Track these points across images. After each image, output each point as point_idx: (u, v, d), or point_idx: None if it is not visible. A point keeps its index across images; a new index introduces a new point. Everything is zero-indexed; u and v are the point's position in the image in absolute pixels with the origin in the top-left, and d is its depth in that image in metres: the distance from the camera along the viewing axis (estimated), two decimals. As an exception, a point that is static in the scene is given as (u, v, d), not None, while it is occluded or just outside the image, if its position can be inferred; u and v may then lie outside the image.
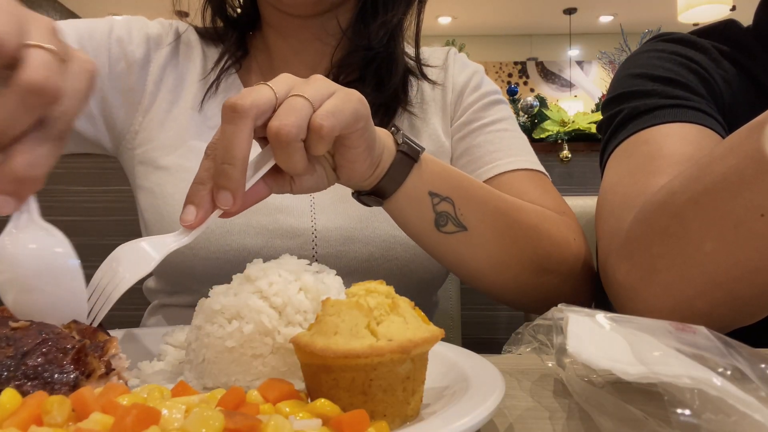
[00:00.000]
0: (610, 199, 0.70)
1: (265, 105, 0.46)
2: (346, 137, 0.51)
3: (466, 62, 0.94)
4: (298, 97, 0.47)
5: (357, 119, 0.50)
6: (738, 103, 0.77)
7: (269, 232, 0.76)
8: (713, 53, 0.80)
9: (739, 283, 0.53)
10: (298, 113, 0.46)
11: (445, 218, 0.63)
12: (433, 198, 0.62)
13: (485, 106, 0.87)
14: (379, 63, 0.83)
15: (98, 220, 1.59)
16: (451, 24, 8.25)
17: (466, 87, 0.89)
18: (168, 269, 0.79)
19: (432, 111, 0.88)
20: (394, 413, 0.39)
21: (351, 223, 0.77)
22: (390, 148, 0.58)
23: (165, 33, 0.86)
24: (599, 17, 8.32)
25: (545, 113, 2.42)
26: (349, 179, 0.57)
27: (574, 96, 8.55)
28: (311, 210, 0.78)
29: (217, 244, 0.74)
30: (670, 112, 0.72)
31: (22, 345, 0.38)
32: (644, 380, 0.35)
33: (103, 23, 0.83)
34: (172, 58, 0.85)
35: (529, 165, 0.82)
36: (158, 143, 0.81)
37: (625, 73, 0.82)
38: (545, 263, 0.69)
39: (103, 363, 0.40)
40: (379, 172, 0.58)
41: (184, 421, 0.30)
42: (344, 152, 0.53)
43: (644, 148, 0.70)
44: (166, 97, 0.83)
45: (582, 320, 0.44)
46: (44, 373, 0.37)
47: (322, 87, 0.49)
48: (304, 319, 0.47)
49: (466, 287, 1.30)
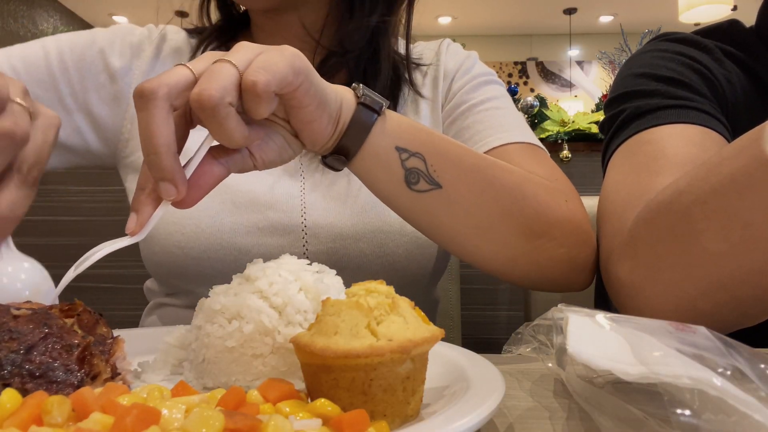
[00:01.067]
0: (612, 199, 0.69)
1: (177, 82, 0.43)
2: (291, 96, 0.48)
3: (458, 50, 0.92)
4: (220, 63, 0.44)
5: (295, 73, 0.46)
6: (741, 103, 0.77)
7: (260, 230, 0.76)
8: (716, 53, 0.80)
9: (744, 284, 0.53)
10: (221, 76, 0.43)
11: (416, 175, 0.59)
12: (401, 153, 0.58)
13: (475, 87, 0.84)
14: (365, 65, 0.81)
15: (98, 220, 1.60)
16: (451, 24, 8.25)
17: (456, 72, 0.87)
18: (162, 270, 0.79)
19: (423, 105, 0.86)
20: (394, 413, 0.39)
21: (341, 220, 0.77)
22: (350, 102, 0.55)
23: (148, 39, 0.86)
24: (599, 17, 8.32)
25: (545, 113, 2.43)
26: (313, 143, 0.53)
27: (574, 96, 8.55)
28: (301, 207, 0.78)
29: (208, 243, 0.74)
30: (674, 112, 0.72)
31: (26, 339, 0.37)
32: (644, 380, 0.35)
33: (86, 35, 0.83)
34: (157, 64, 0.85)
35: (522, 138, 0.77)
36: None
37: (628, 73, 0.82)
38: (534, 225, 0.64)
39: (109, 366, 0.40)
40: (340, 128, 0.55)
41: (184, 421, 0.30)
42: (296, 114, 0.50)
43: (647, 148, 0.70)
44: None
45: (582, 320, 0.44)
46: (49, 372, 0.37)
47: (249, 50, 0.46)
48: (304, 319, 0.47)
49: (466, 287, 1.31)
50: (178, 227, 0.75)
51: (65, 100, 0.80)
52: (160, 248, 0.76)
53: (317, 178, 0.80)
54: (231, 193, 0.76)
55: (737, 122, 0.75)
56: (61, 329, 0.39)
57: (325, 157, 0.57)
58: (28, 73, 0.78)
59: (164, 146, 0.42)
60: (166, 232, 0.76)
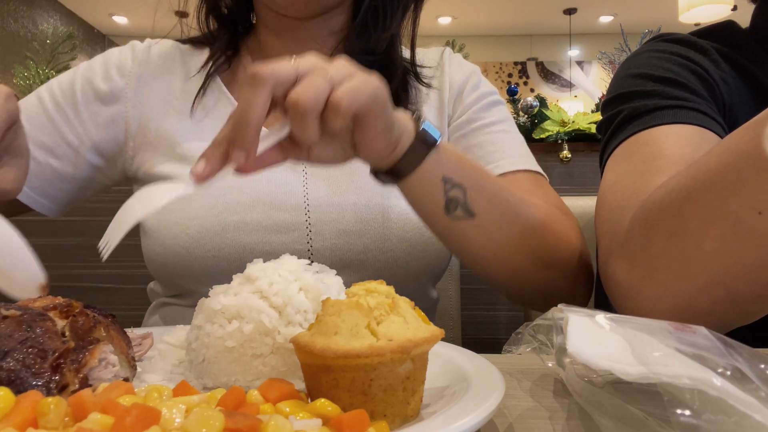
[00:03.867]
0: (609, 200, 0.70)
1: (284, 77, 0.49)
2: (363, 117, 0.53)
3: (462, 61, 0.95)
4: (318, 75, 0.50)
5: (374, 102, 0.52)
6: (737, 103, 0.77)
7: (264, 228, 0.76)
8: (713, 54, 0.80)
9: (739, 281, 0.53)
10: (317, 89, 0.49)
11: (455, 204, 0.64)
12: (446, 183, 0.63)
13: (486, 106, 0.89)
14: (378, 68, 0.83)
15: (98, 220, 1.59)
16: (451, 24, 8.25)
17: (465, 86, 0.90)
18: (166, 270, 0.79)
19: (427, 111, 0.89)
20: (394, 413, 0.39)
21: (345, 216, 0.78)
22: (410, 132, 0.60)
23: (131, 55, 0.87)
24: (599, 17, 8.32)
25: (545, 113, 2.42)
26: (367, 157, 0.58)
27: (574, 96, 8.55)
28: (305, 204, 0.78)
29: (213, 242, 0.75)
30: (671, 113, 0.72)
31: (5, 344, 0.37)
32: (644, 380, 0.35)
33: (71, 72, 0.87)
34: (148, 78, 0.86)
35: (529, 166, 0.84)
36: (154, 161, 0.82)
37: (625, 74, 0.82)
38: (549, 258, 0.71)
39: (78, 378, 0.39)
40: (397, 153, 0.59)
41: (184, 421, 0.30)
42: (361, 132, 0.55)
43: (644, 149, 0.70)
44: (152, 114, 0.84)
45: (582, 320, 0.44)
46: (17, 380, 0.36)
47: (343, 68, 0.52)
48: (304, 319, 0.47)
49: (466, 287, 1.31)
50: (182, 228, 0.76)
51: (68, 138, 0.83)
52: (165, 249, 0.77)
53: (319, 173, 0.81)
54: (235, 193, 0.77)
55: (733, 123, 0.75)
56: (44, 333, 0.39)
57: (377, 172, 0.62)
58: (31, 125, 0.81)
59: (254, 122, 0.48)
60: (171, 233, 0.76)
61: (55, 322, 0.41)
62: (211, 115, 0.84)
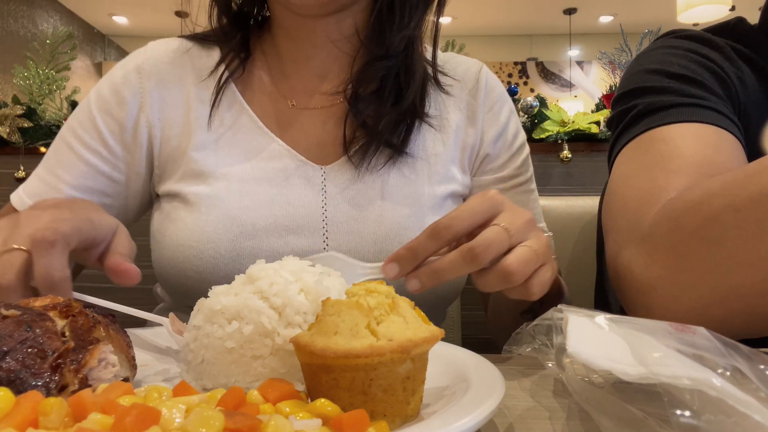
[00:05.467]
0: (622, 193, 0.68)
1: (497, 247, 0.53)
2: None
3: (496, 83, 0.90)
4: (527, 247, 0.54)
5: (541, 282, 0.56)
6: (752, 102, 0.76)
7: (280, 255, 0.73)
8: (727, 51, 0.78)
9: (762, 297, 0.52)
10: (528, 266, 0.53)
11: (532, 313, 0.69)
12: None
13: (524, 161, 0.89)
14: (398, 72, 0.81)
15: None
16: (451, 24, 8.24)
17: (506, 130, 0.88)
18: (176, 290, 0.78)
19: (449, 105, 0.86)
20: (394, 413, 0.39)
21: (364, 244, 0.76)
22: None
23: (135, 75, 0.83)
24: (599, 17, 8.32)
25: (545, 113, 2.42)
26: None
27: (574, 96, 8.55)
28: (323, 230, 0.77)
29: (226, 269, 0.74)
30: (687, 111, 0.70)
31: (3, 344, 0.37)
32: (644, 381, 0.35)
33: (84, 107, 0.83)
34: (161, 91, 0.82)
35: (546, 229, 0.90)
36: (176, 177, 0.80)
37: (638, 69, 0.80)
38: None
39: (77, 378, 0.39)
40: None
41: (184, 421, 0.30)
42: None
43: (661, 146, 0.68)
44: (171, 133, 0.81)
45: (582, 321, 0.44)
46: (17, 380, 0.36)
47: (532, 232, 0.55)
48: (304, 320, 0.47)
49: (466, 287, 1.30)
50: (196, 252, 0.74)
51: (114, 176, 0.82)
52: (177, 271, 0.75)
53: (339, 199, 0.78)
54: (252, 215, 0.75)
55: (747, 121, 0.74)
56: (44, 333, 0.39)
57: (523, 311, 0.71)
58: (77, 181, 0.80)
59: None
60: (183, 256, 0.74)
61: (55, 322, 0.41)
62: (227, 127, 0.81)
